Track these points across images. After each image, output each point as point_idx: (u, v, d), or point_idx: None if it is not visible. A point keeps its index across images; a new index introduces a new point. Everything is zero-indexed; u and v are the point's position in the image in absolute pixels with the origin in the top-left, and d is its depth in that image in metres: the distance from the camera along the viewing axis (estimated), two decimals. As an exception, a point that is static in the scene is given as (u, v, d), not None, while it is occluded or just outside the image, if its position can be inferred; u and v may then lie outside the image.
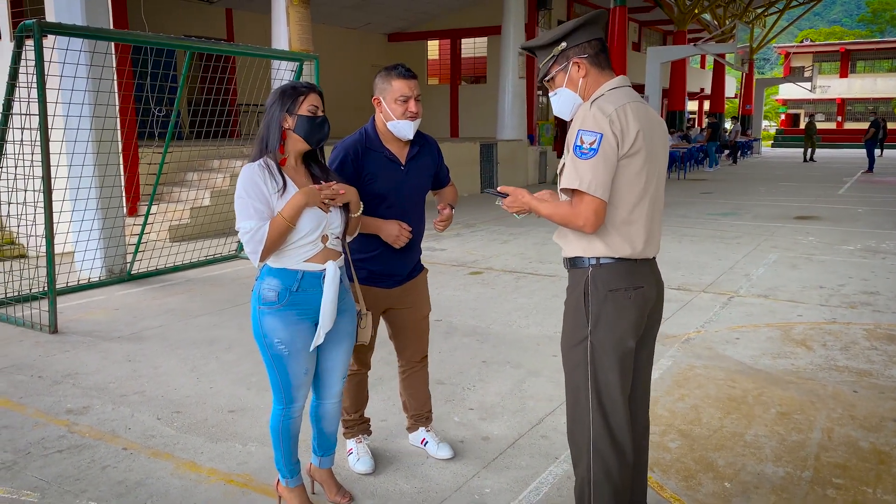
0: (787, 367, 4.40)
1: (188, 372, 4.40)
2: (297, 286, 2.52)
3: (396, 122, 2.85)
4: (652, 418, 3.64)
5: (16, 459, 3.26)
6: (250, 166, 2.50)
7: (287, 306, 2.52)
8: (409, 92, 2.83)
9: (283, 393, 2.63)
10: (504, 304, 5.93)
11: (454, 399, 3.95)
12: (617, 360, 2.25)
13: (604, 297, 2.24)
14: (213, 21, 16.30)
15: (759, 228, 9.86)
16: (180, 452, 3.33)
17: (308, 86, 2.57)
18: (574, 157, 2.17)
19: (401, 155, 2.95)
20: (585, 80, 2.30)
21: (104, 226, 6.54)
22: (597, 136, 2.15)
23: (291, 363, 2.57)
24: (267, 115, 2.56)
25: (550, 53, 2.32)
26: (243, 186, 2.46)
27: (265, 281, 2.53)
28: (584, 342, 2.26)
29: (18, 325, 5.35)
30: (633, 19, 27.37)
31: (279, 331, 2.52)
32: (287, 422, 2.67)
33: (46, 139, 5.03)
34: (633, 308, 2.26)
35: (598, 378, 2.26)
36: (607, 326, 2.24)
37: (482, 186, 15.26)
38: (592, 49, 2.29)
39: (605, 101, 2.21)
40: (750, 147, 28.44)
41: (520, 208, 2.38)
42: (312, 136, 2.56)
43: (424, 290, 3.20)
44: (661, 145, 2.30)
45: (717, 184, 16.86)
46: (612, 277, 2.25)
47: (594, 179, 2.14)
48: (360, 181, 2.87)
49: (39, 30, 4.92)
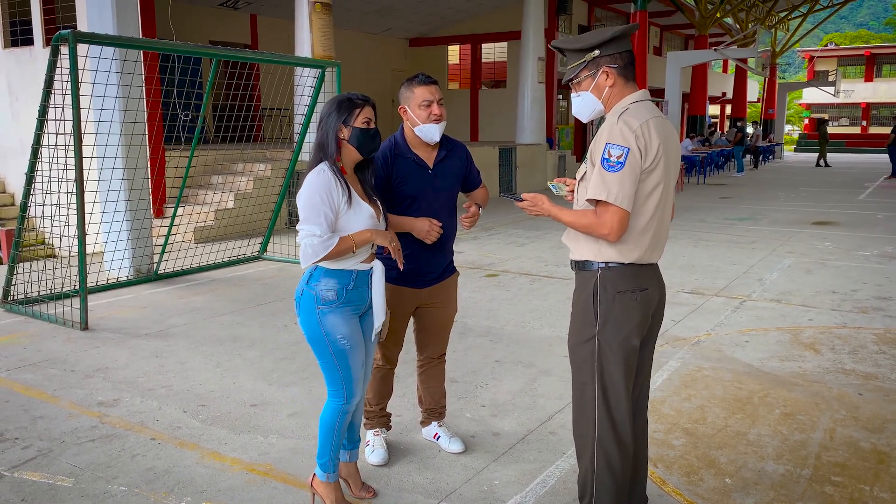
0: (794, 370, 4.49)
1: (213, 368, 4.59)
2: (352, 284, 2.72)
3: (423, 127, 3.02)
4: (658, 417, 3.77)
5: (51, 447, 3.46)
6: (324, 171, 2.64)
7: (345, 303, 2.70)
8: (430, 96, 3.00)
9: (344, 388, 2.76)
10: (518, 306, 6.06)
11: (467, 396, 4.10)
12: (623, 357, 2.39)
13: (612, 297, 2.38)
14: (238, 27, 16.61)
15: (776, 233, 9.90)
16: (205, 443, 3.51)
17: (363, 99, 2.74)
18: (602, 170, 2.30)
19: (429, 159, 3.12)
20: (611, 89, 2.43)
21: (132, 227, 6.78)
22: (624, 151, 2.28)
23: (353, 357, 2.74)
24: (324, 125, 2.71)
25: (582, 58, 2.45)
26: (318, 191, 2.60)
27: (321, 282, 2.68)
28: (591, 340, 2.40)
29: (51, 321, 5.58)
30: (653, 23, 27.38)
31: (341, 326, 2.69)
32: (344, 416, 2.80)
33: (80, 144, 5.25)
34: (639, 309, 2.40)
35: (605, 374, 2.40)
36: (615, 326, 2.38)
37: (501, 190, 15.40)
38: (622, 60, 2.42)
39: (631, 116, 2.34)
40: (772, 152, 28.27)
41: (539, 213, 2.52)
42: (365, 147, 2.75)
43: (453, 292, 3.35)
44: (674, 158, 2.44)
45: (736, 188, 16.84)
46: (621, 280, 2.39)
47: (621, 191, 2.27)
48: (390, 184, 3.05)
49: (74, 39, 5.14)
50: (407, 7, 18.67)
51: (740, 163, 21.51)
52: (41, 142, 5.57)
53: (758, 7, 26.55)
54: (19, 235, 5.88)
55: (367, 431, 3.41)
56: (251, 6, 16.34)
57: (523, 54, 16.62)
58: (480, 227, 10.61)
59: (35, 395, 4.14)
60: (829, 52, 47.00)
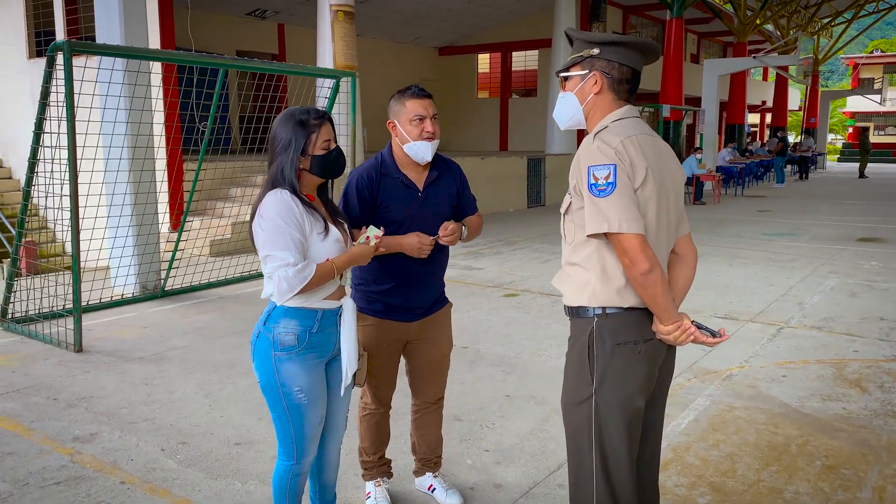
0: (838, 412, 4.04)
1: (202, 398, 4.29)
2: (316, 326, 2.34)
3: (413, 144, 2.68)
4: (682, 467, 3.36)
5: (12, 490, 3.18)
6: (282, 192, 2.28)
7: (307, 349, 2.33)
8: (423, 111, 2.66)
9: (294, 447, 2.40)
10: (537, 331, 5.67)
11: (470, 438, 3.73)
12: (624, 421, 2.00)
13: (611, 351, 2.00)
14: (265, 37, 16.52)
15: (818, 251, 9.33)
16: (177, 489, 3.20)
17: (318, 117, 2.37)
18: (592, 198, 1.94)
19: (418, 180, 2.77)
20: (595, 98, 2.08)
21: (137, 242, 6.55)
22: (610, 168, 1.92)
23: (310, 412, 2.37)
24: (280, 156, 2.32)
25: (580, 52, 2.10)
26: (279, 212, 2.24)
27: (280, 324, 2.31)
28: (587, 401, 2.03)
29: (46, 342, 5.36)
30: (691, 31, 26.73)
31: (299, 377, 2.32)
32: (296, 479, 2.45)
33: (73, 157, 5.03)
34: (643, 363, 2.01)
35: (604, 442, 2.02)
36: (614, 384, 2.00)
37: (529, 201, 15.02)
38: (619, 74, 2.06)
39: (610, 134, 1.99)
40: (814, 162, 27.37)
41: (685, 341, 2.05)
42: (329, 173, 2.42)
43: (447, 326, 3.00)
44: (671, 183, 2.05)
45: (775, 201, 16.19)
46: (620, 329, 2.01)
47: (622, 214, 1.90)
48: (374, 207, 2.71)
49: (69, 49, 4.93)
50: (436, 16, 18.41)
51: (781, 174, 20.77)
52: (37, 156, 5.37)
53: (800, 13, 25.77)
54: (16, 252, 5.68)
55: (366, 483, 3.08)
56: (279, 15, 16.23)
57: (554, 62, 16.22)
58: (503, 242, 10.23)
59: (11, 427, 3.89)
60: (875, 58, 45.64)
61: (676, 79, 17.84)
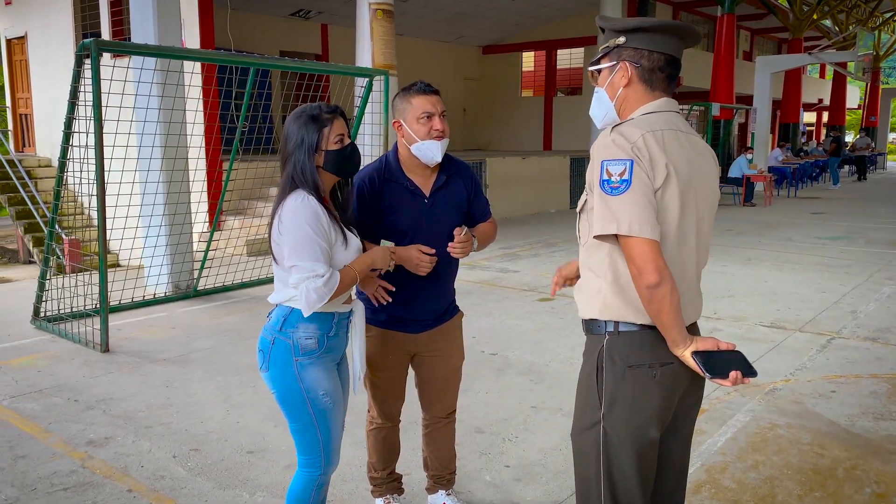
0: (892, 433, 3.73)
1: (221, 402, 4.21)
2: (333, 330, 2.29)
3: (421, 144, 2.50)
4: (716, 490, 3.13)
5: (19, 496, 3.13)
6: (308, 198, 2.15)
7: (325, 352, 2.28)
8: (431, 108, 2.49)
9: (322, 455, 2.30)
10: (569, 338, 5.45)
11: (491, 452, 3.55)
12: (634, 452, 1.80)
13: (621, 374, 1.80)
14: (309, 37, 16.55)
15: (875, 256, 8.85)
16: (184, 499, 3.11)
17: (330, 111, 2.24)
18: (603, 195, 1.74)
19: (425, 186, 2.59)
20: (626, 91, 1.88)
21: (170, 242, 6.55)
22: (626, 164, 1.72)
23: (335, 415, 2.31)
24: (294, 153, 2.20)
25: (607, 42, 1.91)
26: (308, 221, 2.12)
27: (299, 329, 2.23)
28: (595, 427, 1.83)
29: (75, 341, 5.37)
30: (744, 27, 25.94)
31: (324, 381, 2.26)
32: (320, 490, 2.34)
33: (101, 157, 5.01)
34: (657, 390, 1.80)
35: (613, 473, 1.82)
36: (624, 411, 1.80)
37: (572, 202, 14.71)
38: (650, 62, 1.85)
39: (630, 126, 1.79)
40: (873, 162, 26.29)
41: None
42: (344, 170, 2.30)
43: (457, 337, 2.82)
44: (700, 187, 1.84)
45: (831, 203, 15.54)
46: (633, 349, 1.80)
47: (634, 216, 1.70)
48: (378, 215, 2.55)
49: (97, 48, 4.91)
50: (479, 14, 18.21)
51: (835, 174, 19.97)
52: (67, 155, 5.37)
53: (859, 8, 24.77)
54: (49, 251, 5.71)
55: (375, 500, 2.94)
56: (322, 15, 16.25)
57: (599, 60, 15.86)
58: (542, 243, 9.99)
59: (28, 428, 3.86)
60: (940, 54, 43.64)
61: (727, 76, 17.28)
